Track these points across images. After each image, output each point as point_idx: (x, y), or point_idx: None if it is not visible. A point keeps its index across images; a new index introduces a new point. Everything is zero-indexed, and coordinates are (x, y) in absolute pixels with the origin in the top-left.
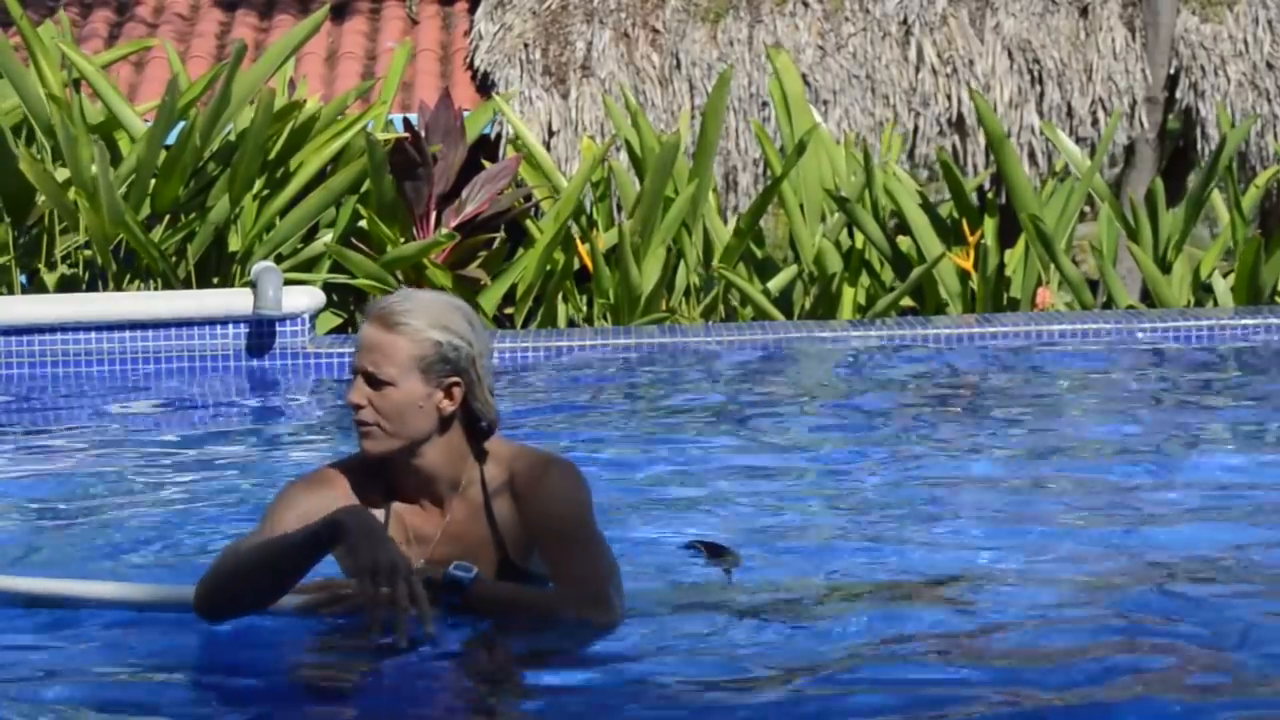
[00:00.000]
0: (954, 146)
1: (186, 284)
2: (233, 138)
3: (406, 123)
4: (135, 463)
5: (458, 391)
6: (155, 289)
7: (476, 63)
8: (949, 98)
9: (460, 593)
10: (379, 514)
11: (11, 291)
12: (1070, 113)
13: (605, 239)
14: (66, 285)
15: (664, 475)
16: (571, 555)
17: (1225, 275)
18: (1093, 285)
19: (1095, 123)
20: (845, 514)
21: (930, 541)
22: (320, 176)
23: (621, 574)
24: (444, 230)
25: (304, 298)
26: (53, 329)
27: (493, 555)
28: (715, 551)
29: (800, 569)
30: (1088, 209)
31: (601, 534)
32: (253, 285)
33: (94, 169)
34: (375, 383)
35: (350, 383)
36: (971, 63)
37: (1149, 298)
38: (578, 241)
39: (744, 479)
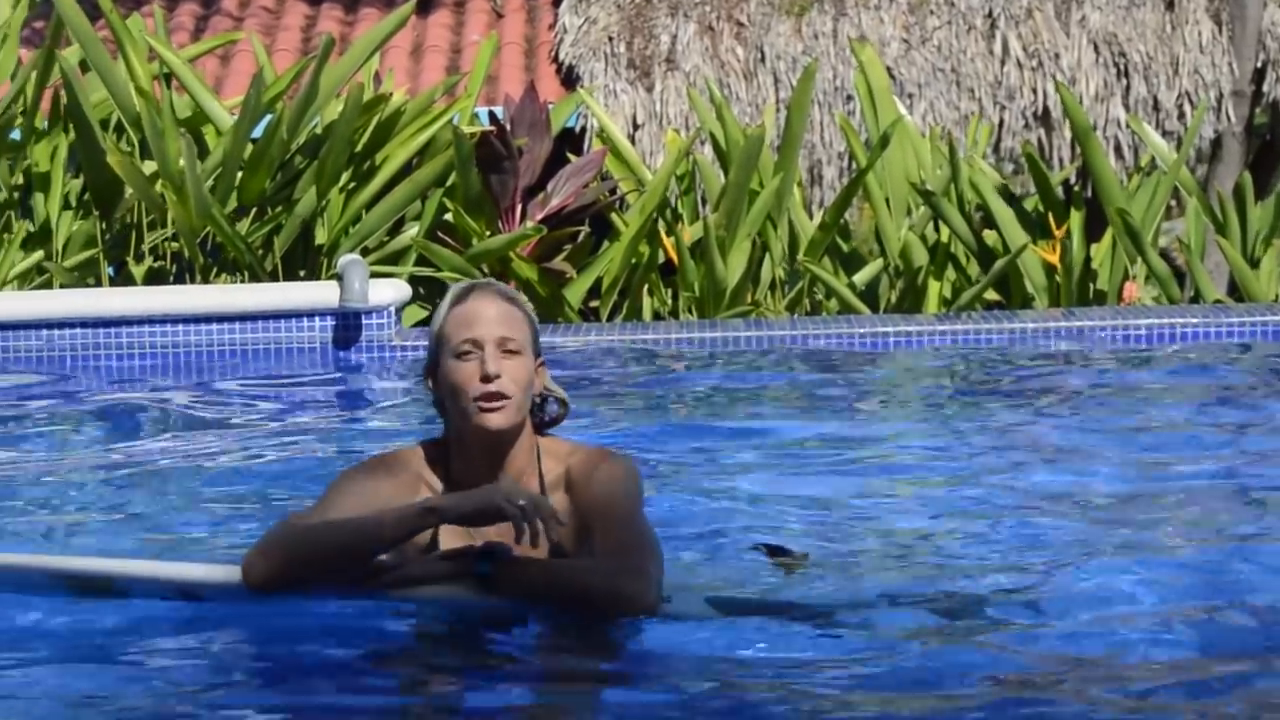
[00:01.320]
0: (1039, 140)
1: (273, 277)
2: (319, 131)
3: (492, 116)
4: (220, 455)
5: (541, 373)
6: (242, 282)
7: (561, 56)
8: (1034, 91)
9: (493, 561)
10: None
11: (99, 284)
12: (1156, 106)
13: (690, 232)
14: (154, 278)
15: (740, 471)
16: (614, 533)
17: None
18: (1180, 279)
19: (1181, 116)
20: (924, 516)
21: (1008, 549)
22: (406, 170)
23: (665, 564)
24: (530, 223)
25: (389, 290)
26: (140, 321)
27: (545, 549)
28: (780, 553)
29: (869, 574)
30: (1173, 203)
31: (649, 523)
32: (339, 278)
33: (181, 162)
34: (508, 352)
35: (468, 358)
36: (1057, 56)
37: (1236, 292)
38: (663, 235)
39: (822, 476)
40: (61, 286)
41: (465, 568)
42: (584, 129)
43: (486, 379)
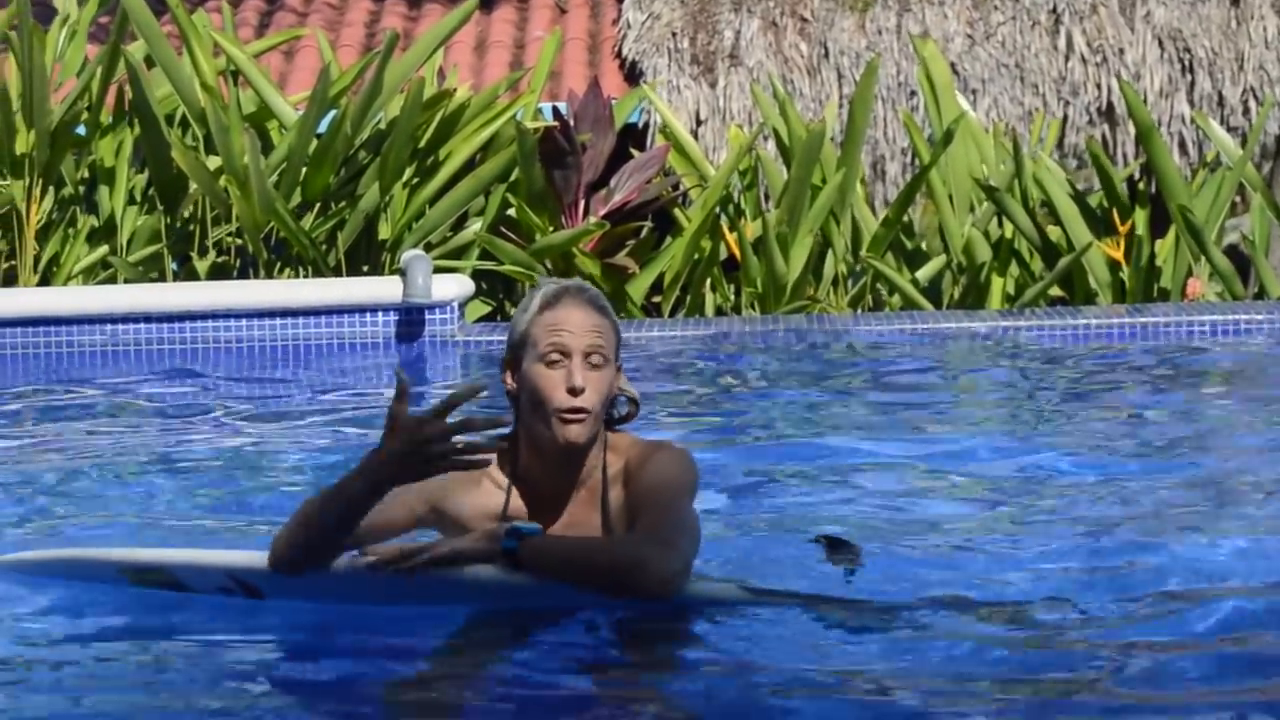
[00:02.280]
0: (1103, 136)
1: (336, 272)
2: (383, 126)
3: (555, 111)
4: (282, 449)
5: (620, 374)
6: (305, 277)
7: (625, 51)
8: (1098, 87)
9: (520, 537)
10: (499, 493)
11: (164, 279)
12: (1221, 102)
13: (752, 228)
14: (218, 273)
15: (801, 465)
16: (652, 515)
17: None
18: (1244, 276)
19: (1246, 112)
20: (982, 513)
21: (1065, 547)
22: (470, 165)
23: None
24: (593, 219)
25: (453, 285)
26: (204, 316)
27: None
28: (837, 547)
29: (924, 572)
30: (1238, 199)
31: (694, 514)
32: (402, 273)
33: (246, 158)
34: (594, 365)
35: (555, 365)
36: (1121, 51)
37: None
38: (725, 230)
39: (883, 473)
40: (126, 281)
41: (493, 548)
42: (647, 124)
43: (573, 392)
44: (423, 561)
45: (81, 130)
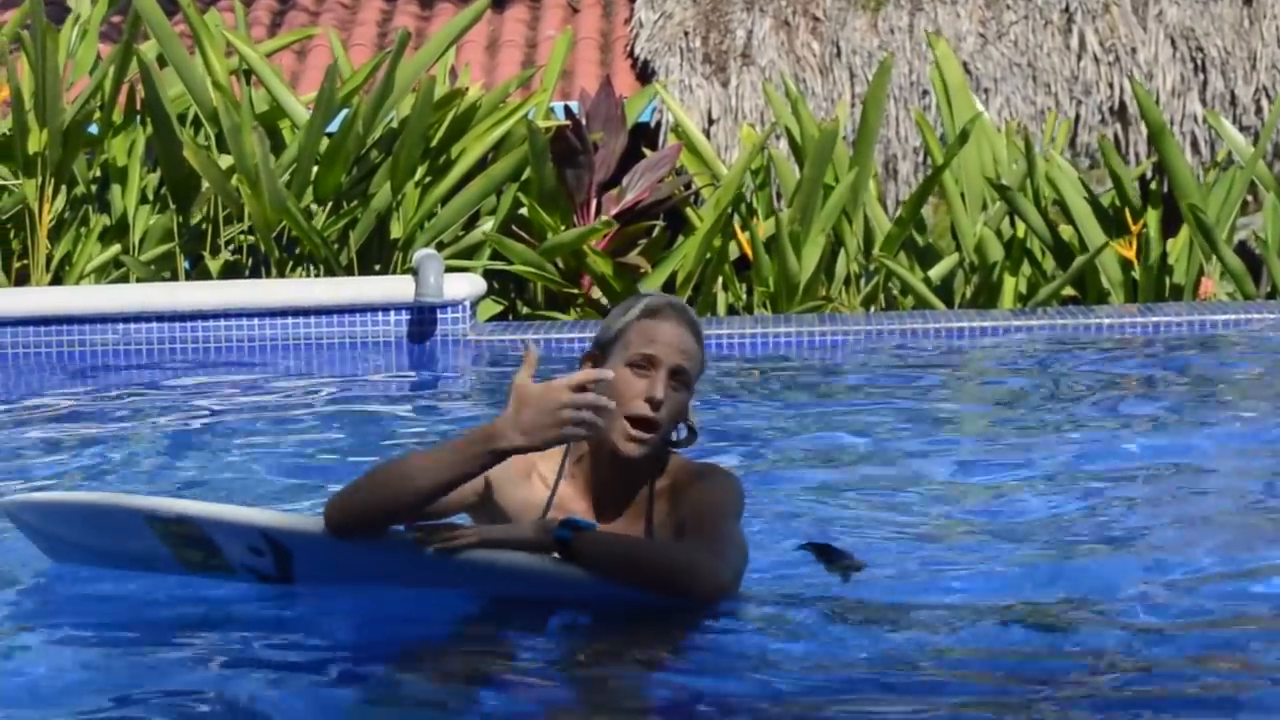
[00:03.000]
0: (1116, 135)
1: (348, 271)
2: (395, 125)
3: (567, 110)
4: (294, 448)
5: (690, 404)
6: (317, 276)
7: (637, 51)
8: (1111, 86)
9: (575, 530)
10: (545, 490)
11: (176, 278)
12: (1233, 101)
13: (764, 227)
14: (230, 272)
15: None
16: (702, 529)
17: None
18: (1256, 275)
19: (1259, 111)
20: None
21: (1076, 549)
22: (482, 164)
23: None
24: (604, 218)
25: (465, 285)
26: (216, 315)
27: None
28: (831, 556)
29: (929, 579)
30: (1250, 198)
31: (741, 533)
32: (414, 272)
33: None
34: (677, 384)
35: (641, 372)
36: (1134, 51)
37: None
38: (737, 229)
39: (892, 472)
40: (138, 280)
41: (546, 537)
42: (659, 124)
43: (652, 403)
44: (473, 542)
45: (94, 129)
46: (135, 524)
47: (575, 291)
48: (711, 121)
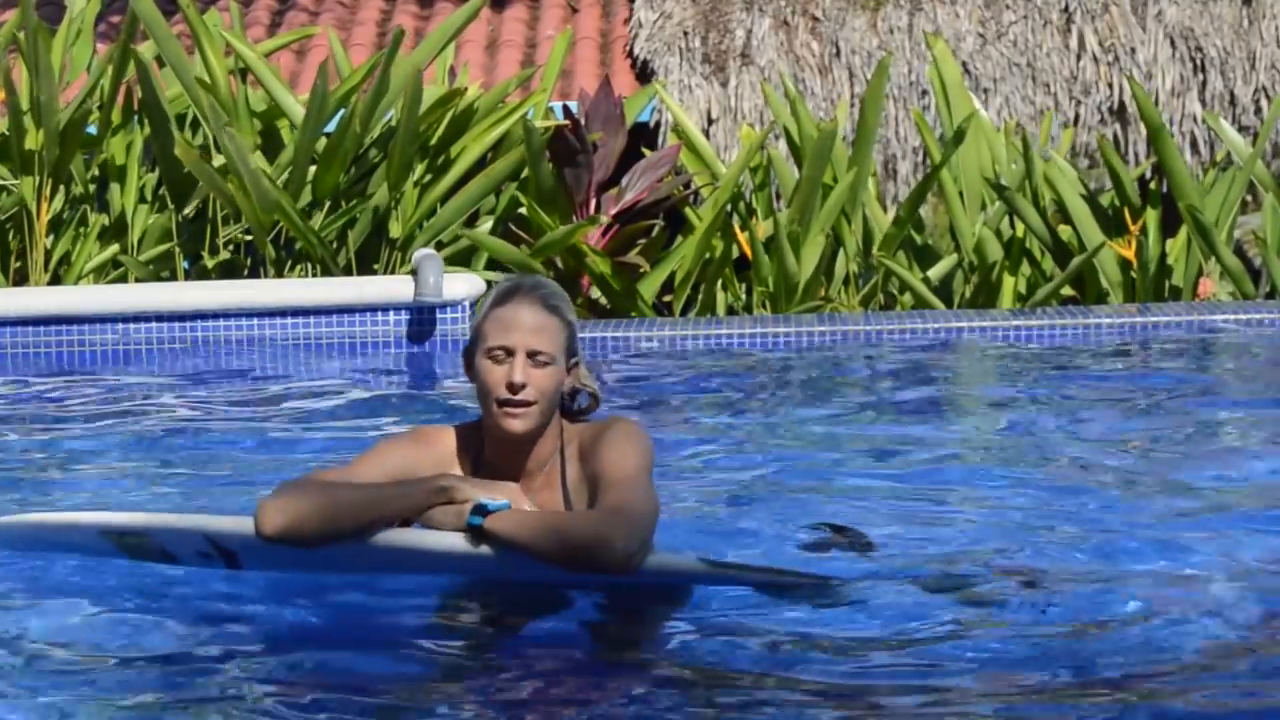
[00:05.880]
0: (1115, 135)
1: (347, 271)
2: (394, 124)
3: (566, 110)
4: (292, 448)
5: (575, 371)
6: (316, 276)
7: (636, 51)
8: (1110, 86)
9: (485, 513)
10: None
11: (175, 278)
12: (1233, 101)
13: (764, 227)
14: (228, 271)
15: (815, 463)
16: (611, 489)
17: None
18: (1255, 275)
19: (1258, 111)
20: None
21: (1079, 545)
22: (481, 164)
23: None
24: (604, 217)
25: (464, 285)
26: (215, 315)
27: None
28: (847, 534)
29: (935, 564)
30: (1249, 198)
31: (652, 486)
32: (413, 272)
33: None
34: (538, 363)
35: (499, 361)
36: (1133, 50)
37: None
38: (736, 229)
39: (894, 469)
40: (137, 280)
41: (459, 520)
42: (658, 124)
43: (512, 387)
44: (407, 540)
45: (92, 129)
46: (91, 537)
47: (574, 291)
48: (711, 121)
